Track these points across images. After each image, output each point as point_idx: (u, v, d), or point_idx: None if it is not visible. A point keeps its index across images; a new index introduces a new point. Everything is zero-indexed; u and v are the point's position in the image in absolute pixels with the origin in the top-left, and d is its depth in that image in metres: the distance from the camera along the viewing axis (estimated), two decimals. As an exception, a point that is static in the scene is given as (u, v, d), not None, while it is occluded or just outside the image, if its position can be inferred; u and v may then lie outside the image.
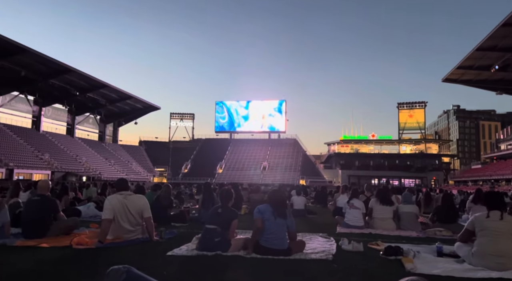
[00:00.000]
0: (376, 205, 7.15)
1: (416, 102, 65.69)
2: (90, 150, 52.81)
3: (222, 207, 4.81)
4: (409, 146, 66.23)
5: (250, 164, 60.12)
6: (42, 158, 40.72)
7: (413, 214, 7.09)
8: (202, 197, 8.46)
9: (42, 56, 37.36)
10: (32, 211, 5.25)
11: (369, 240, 5.54)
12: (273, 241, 4.35)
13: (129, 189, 5.56)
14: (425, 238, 6.16)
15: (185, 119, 72.28)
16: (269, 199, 4.70)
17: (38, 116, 48.92)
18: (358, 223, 6.98)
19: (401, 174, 59.38)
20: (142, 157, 63.07)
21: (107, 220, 4.95)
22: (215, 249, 4.42)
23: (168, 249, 4.57)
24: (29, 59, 37.25)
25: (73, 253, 4.39)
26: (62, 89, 45.31)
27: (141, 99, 57.36)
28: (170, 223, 7.17)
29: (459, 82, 43.52)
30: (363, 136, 67.22)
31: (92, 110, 56.55)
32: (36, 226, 5.20)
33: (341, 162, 62.66)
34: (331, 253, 4.56)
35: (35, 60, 38.01)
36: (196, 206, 10.29)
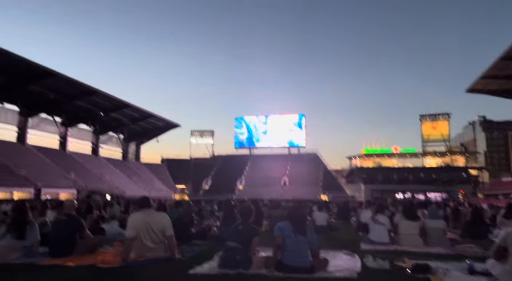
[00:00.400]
0: (401, 221, 6.95)
1: (439, 114, 64.15)
2: (113, 168, 53.98)
3: (242, 224, 4.78)
4: (433, 159, 64.36)
5: (270, 180, 59.80)
6: (68, 177, 41.91)
7: (441, 229, 6.84)
8: (222, 214, 8.47)
9: (68, 79, 38.98)
10: (59, 231, 5.39)
11: (395, 257, 5.36)
12: (295, 258, 4.27)
13: (151, 207, 5.64)
14: (455, 255, 5.90)
15: (205, 136, 73.08)
16: (289, 216, 4.64)
17: (64, 137, 50.64)
18: (383, 239, 6.77)
19: (427, 188, 57.50)
20: (163, 175, 63.89)
21: (130, 238, 5.01)
22: (237, 267, 4.38)
23: (190, 267, 4.57)
24: (56, 82, 38.94)
25: (98, 272, 4.45)
26: (87, 110, 46.94)
27: (162, 117, 58.57)
28: (192, 241, 7.18)
29: (484, 92, 42.39)
30: (386, 150, 65.91)
31: (115, 130, 58.11)
32: (62, 245, 5.32)
33: (364, 177, 61.42)
34: (355, 271, 4.44)
35: (62, 83, 39.68)
36: (217, 223, 10.28)
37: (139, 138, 65.41)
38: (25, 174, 36.56)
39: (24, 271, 4.51)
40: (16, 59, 33.02)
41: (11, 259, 4.92)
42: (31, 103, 42.51)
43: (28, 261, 4.89)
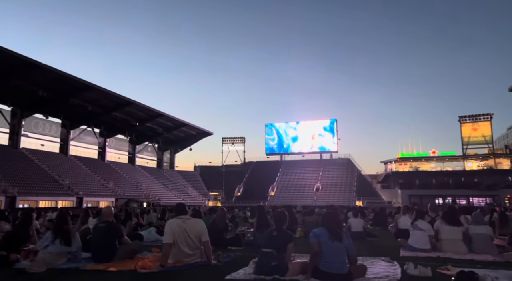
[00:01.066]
0: (442, 226, 6.64)
1: (480, 115, 60.98)
2: (149, 177, 55.67)
3: (277, 230, 4.77)
4: (475, 162, 61.13)
5: (303, 186, 59.23)
6: (107, 186, 43.67)
7: (487, 235, 6.46)
8: (256, 220, 8.47)
9: (106, 92, 40.86)
10: (99, 237, 5.62)
11: (438, 264, 5.13)
12: (332, 265, 4.19)
13: (187, 213, 5.76)
14: (503, 262, 5.57)
15: (237, 143, 73.79)
16: (324, 222, 4.57)
17: (103, 147, 52.95)
18: (424, 246, 6.50)
19: (469, 193, 54.60)
20: (197, 182, 65.04)
21: (168, 244, 5.13)
22: (273, 273, 4.36)
23: (226, 273, 4.60)
24: (94, 95, 40.92)
25: (138, 277, 4.59)
26: (123, 120, 48.88)
27: (194, 126, 59.85)
28: (226, 247, 7.25)
29: (528, 89, 39.91)
30: (423, 153, 63.42)
31: (150, 139, 60.03)
32: (103, 250, 5.55)
33: (400, 181, 59.33)
34: (395, 278, 4.30)
35: (100, 96, 41.64)
36: (250, 229, 10.31)
37: (173, 147, 67.12)
38: (68, 183, 38.52)
39: (71, 275, 4.74)
40: (58, 74, 35.09)
41: (59, 264, 5.18)
42: (72, 115, 44.91)
43: (74, 266, 5.14)
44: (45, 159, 41.33)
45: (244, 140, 74.06)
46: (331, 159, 66.83)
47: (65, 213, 6.06)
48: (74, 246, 5.39)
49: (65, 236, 5.32)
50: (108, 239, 5.64)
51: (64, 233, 5.34)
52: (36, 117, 43.00)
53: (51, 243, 5.28)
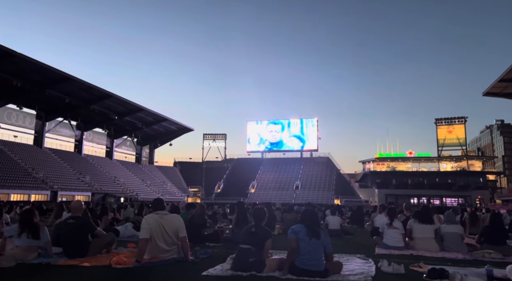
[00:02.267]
0: (415, 225, 6.83)
1: (455, 118, 62.98)
2: (127, 171, 54.70)
3: (255, 227, 4.77)
4: (449, 163, 63.14)
5: (283, 184, 59.62)
6: (84, 180, 42.62)
7: (458, 234, 6.69)
8: (235, 217, 8.46)
9: (84, 84, 39.78)
10: (69, 233, 5.41)
11: (410, 261, 5.28)
12: (309, 261, 4.24)
13: (165, 208, 5.68)
14: (473, 260, 5.77)
15: (218, 140, 73.45)
16: (302, 219, 4.61)
17: (80, 140, 51.61)
18: (398, 244, 6.67)
19: (442, 193, 56.39)
20: (176, 178, 64.40)
21: (144, 240, 5.05)
22: (250, 270, 4.37)
23: (203, 269, 4.58)
24: (72, 86, 39.79)
25: (113, 272, 4.50)
26: (102, 114, 47.76)
27: (175, 121, 59.14)
28: (204, 243, 7.21)
29: (501, 95, 41.45)
30: (400, 154, 64.95)
31: (129, 133, 58.94)
32: (75, 246, 5.37)
33: (377, 181, 60.64)
34: (370, 275, 4.38)
35: (78, 88, 40.52)
36: (229, 226, 10.28)
37: (152, 142, 66.15)
38: (42, 177, 37.36)
39: (41, 271, 4.59)
40: (34, 64, 33.90)
41: (29, 260, 5.01)
42: (48, 107, 43.53)
43: (45, 261, 4.98)
44: (18, 151, 39.93)
45: (226, 137, 73.84)
46: (311, 157, 67.51)
47: (32, 206, 5.84)
48: (43, 240, 5.22)
49: (32, 229, 5.15)
50: (78, 235, 5.43)
51: (31, 227, 5.16)
52: (9, 107, 41.44)
53: (17, 236, 5.10)
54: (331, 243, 4.50)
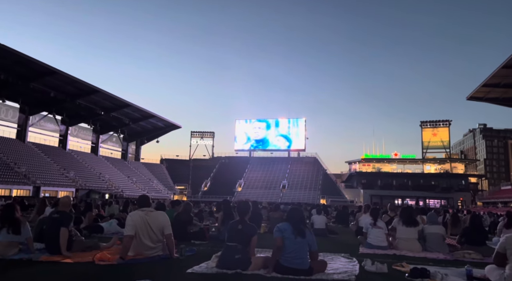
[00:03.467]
0: (399, 226, 6.94)
1: (440, 121, 64.21)
2: (113, 168, 53.98)
3: (241, 223, 4.75)
4: (433, 165, 64.36)
5: (270, 183, 59.77)
6: (68, 176, 41.88)
7: (440, 235, 6.83)
8: (221, 215, 8.44)
9: (69, 77, 39.04)
10: (54, 228, 5.29)
11: (394, 261, 5.36)
12: (294, 260, 4.26)
13: (150, 205, 5.63)
14: (453, 260, 5.90)
15: (205, 138, 73.13)
16: (288, 217, 4.63)
17: (64, 135, 50.68)
18: (382, 244, 6.76)
19: (426, 195, 57.48)
20: (163, 175, 63.86)
21: (128, 237, 5.00)
22: (235, 267, 4.37)
23: (188, 267, 4.56)
24: (57, 80, 39.02)
25: (96, 269, 4.44)
26: (88, 109, 46.98)
27: (163, 118, 58.62)
28: (190, 241, 7.17)
29: (484, 100, 42.44)
30: (385, 155, 65.90)
31: (115, 129, 58.15)
32: (58, 242, 5.26)
33: (363, 182, 61.38)
34: (353, 274, 4.43)
35: (63, 81, 39.75)
36: (215, 224, 10.26)
37: (139, 138, 65.45)
38: (24, 171, 36.57)
39: (22, 266, 4.50)
40: (18, 56, 33.11)
41: (9, 255, 4.91)
42: (32, 100, 42.60)
43: (26, 257, 4.88)
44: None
45: (214, 135, 73.60)
46: (298, 157, 67.88)
47: (13, 201, 5.70)
48: (24, 235, 5.11)
49: (13, 225, 5.03)
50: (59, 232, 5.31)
51: (12, 222, 5.05)
52: (-9, 100, 40.42)
53: None
54: (316, 242, 4.54)
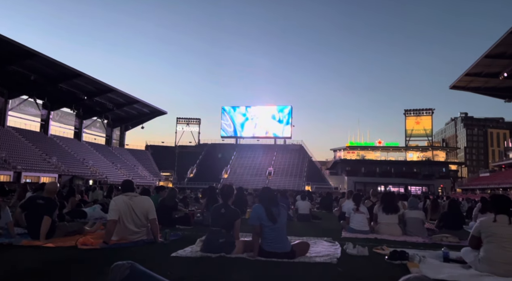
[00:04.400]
0: (380, 212, 7.10)
1: (423, 109, 65.31)
2: (97, 154, 53.21)
3: (224, 207, 4.77)
4: (416, 153, 65.73)
5: (256, 170, 60.07)
6: (50, 161, 41.10)
7: (419, 220, 7.03)
8: (206, 201, 8.48)
9: (51, 61, 37.89)
10: (37, 214, 5.20)
11: (375, 245, 5.51)
12: (275, 245, 4.33)
13: (134, 190, 5.60)
14: (431, 244, 6.10)
15: (191, 124, 72.60)
16: (260, 198, 4.65)
17: (46, 120, 49.49)
18: (363, 228, 6.93)
19: (408, 182, 58.85)
20: (148, 162, 63.36)
21: (112, 221, 4.97)
22: (219, 251, 4.41)
23: (172, 251, 4.57)
24: (38, 63, 37.81)
25: (79, 253, 4.41)
26: (70, 93, 45.84)
27: (147, 103, 57.78)
28: (175, 226, 7.19)
29: (467, 89, 43.26)
30: (370, 143, 66.88)
31: (99, 114, 57.07)
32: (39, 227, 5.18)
33: (347, 169, 62.34)
34: (335, 257, 4.53)
35: (44, 65, 38.56)
36: (200, 210, 10.28)
37: (123, 124, 64.50)
38: (4, 156, 35.70)
39: (3, 251, 4.43)
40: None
41: (-11, 240, 4.83)
42: (12, 84, 41.25)
43: (6, 242, 4.81)
44: (-22, 130, 37.82)
45: (200, 122, 73.08)
46: (284, 144, 68.22)
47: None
48: (4, 220, 5.03)
49: None
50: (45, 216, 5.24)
51: None
52: (-32, 82, 38.98)
53: None
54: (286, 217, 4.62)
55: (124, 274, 1.80)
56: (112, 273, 1.83)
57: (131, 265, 1.85)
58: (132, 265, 1.86)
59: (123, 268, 1.83)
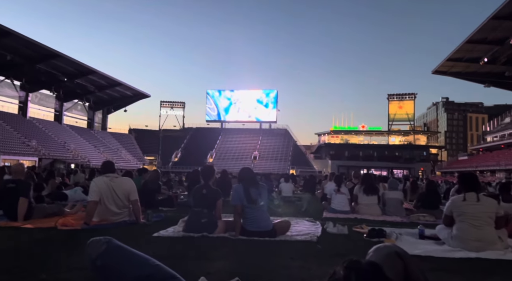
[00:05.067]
0: (360, 193, 7.26)
1: (406, 94, 66.19)
2: (78, 137, 52.16)
3: (205, 187, 4.78)
4: (398, 137, 66.96)
5: (241, 154, 60.18)
6: (29, 144, 40.10)
7: (398, 200, 7.23)
8: (189, 184, 8.48)
9: (28, 40, 36.43)
10: (10, 197, 5.08)
11: (354, 224, 5.65)
12: (256, 224, 4.39)
13: (115, 172, 5.54)
14: (409, 223, 6.29)
15: (176, 108, 71.70)
16: (239, 178, 4.67)
17: (25, 102, 47.96)
18: (344, 208, 7.10)
19: (390, 165, 60.13)
20: (131, 145, 62.57)
21: (93, 202, 4.93)
22: (202, 231, 4.44)
23: (154, 231, 4.58)
24: (15, 43, 36.29)
25: (58, 234, 4.38)
26: (49, 74, 44.36)
27: (130, 86, 56.58)
28: (158, 208, 7.18)
29: (448, 74, 43.91)
30: (353, 127, 67.67)
31: (80, 97, 55.62)
32: (16, 210, 5.08)
33: (331, 153, 63.14)
34: (316, 235, 4.63)
35: (21, 44, 37.05)
36: (185, 193, 10.30)
37: (106, 107, 63.15)
38: (-19, 139, 34.62)
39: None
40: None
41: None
42: (-14, 64, 39.59)
43: (-17, 223, 4.73)
44: (-48, 112, 36.39)
45: (184, 105, 72.21)
46: (269, 129, 68.33)
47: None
48: None
49: None
50: (18, 199, 5.12)
51: None
52: None
53: None
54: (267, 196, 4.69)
55: (100, 249, 1.79)
56: (89, 249, 1.82)
57: (108, 240, 1.85)
58: (110, 240, 1.85)
59: (100, 243, 1.82)
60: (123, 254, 1.84)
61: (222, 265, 3.12)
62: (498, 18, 29.43)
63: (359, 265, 1.27)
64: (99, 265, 1.77)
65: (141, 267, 1.79)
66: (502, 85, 44.50)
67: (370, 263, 1.30)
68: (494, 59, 35.89)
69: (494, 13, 29.19)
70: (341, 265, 1.28)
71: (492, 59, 35.89)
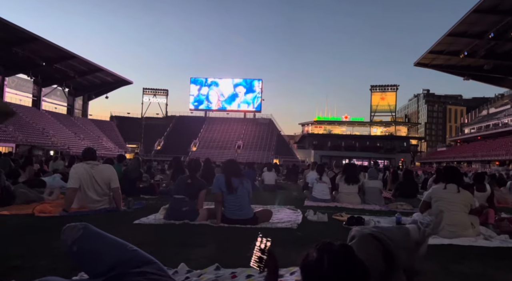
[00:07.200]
0: (341, 182, 7.38)
1: (388, 85, 67.09)
2: (58, 123, 50.86)
3: (191, 178, 4.79)
4: (379, 128, 68.05)
5: (225, 143, 60.02)
6: (5, 130, 38.86)
7: (377, 189, 7.39)
8: (172, 172, 8.43)
9: (4, 22, 34.96)
10: None
11: (334, 212, 5.77)
12: (237, 212, 4.43)
13: (96, 159, 5.45)
14: (387, 211, 6.46)
15: (159, 95, 70.59)
16: (223, 169, 4.71)
17: (0, 86, 46.26)
18: (325, 197, 7.21)
19: (371, 155, 61.09)
20: (113, 133, 61.48)
21: (72, 189, 4.85)
22: (183, 218, 4.45)
23: (135, 219, 4.56)
24: (-12, 24, 34.79)
25: (36, 221, 4.30)
26: (26, 58, 42.77)
27: (112, 72, 55.27)
28: (139, 195, 7.13)
29: (430, 66, 44.64)
30: (336, 118, 68.31)
31: (60, 82, 53.97)
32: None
33: (314, 143, 63.71)
34: (296, 222, 4.70)
35: (-4, 26, 35.54)
36: (166, 181, 10.22)
37: (86, 93, 61.63)
38: (-46, 125, 33.31)
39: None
40: None
41: None
42: (-41, 46, 37.87)
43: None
44: None
45: (167, 93, 71.18)
46: (254, 118, 68.24)
47: None
48: None
49: None
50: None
51: None
52: None
53: None
54: (251, 187, 4.70)
55: (76, 235, 1.77)
56: (64, 235, 1.79)
57: (84, 226, 1.82)
58: (86, 226, 1.82)
59: (76, 229, 1.79)
60: (100, 239, 1.82)
61: (202, 251, 3.14)
62: (478, 11, 29.96)
63: (331, 247, 1.31)
64: (75, 251, 1.75)
65: (118, 252, 1.78)
66: (480, 79, 45.60)
67: (341, 245, 1.34)
68: (474, 52, 36.67)
69: (475, 7, 29.68)
70: (314, 247, 1.32)
71: (471, 53, 36.66)
